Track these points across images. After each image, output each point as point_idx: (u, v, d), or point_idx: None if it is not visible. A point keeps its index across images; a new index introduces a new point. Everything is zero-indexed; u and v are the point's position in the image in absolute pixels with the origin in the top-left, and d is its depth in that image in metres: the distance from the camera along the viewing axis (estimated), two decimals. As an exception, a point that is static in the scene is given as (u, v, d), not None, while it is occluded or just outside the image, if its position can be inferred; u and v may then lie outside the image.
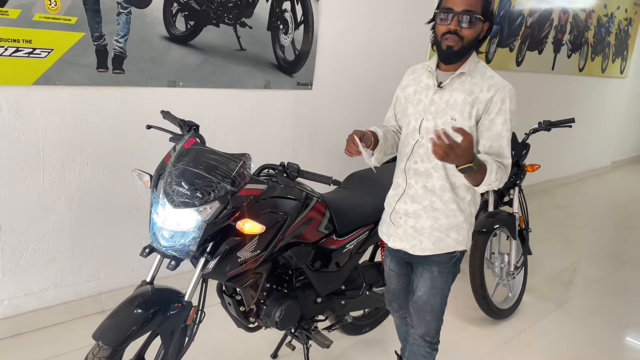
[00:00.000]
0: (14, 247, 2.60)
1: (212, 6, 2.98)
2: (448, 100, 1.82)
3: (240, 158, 1.82)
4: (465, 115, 1.79)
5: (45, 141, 2.56)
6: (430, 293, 1.98)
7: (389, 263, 2.17)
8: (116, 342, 1.63)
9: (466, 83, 1.81)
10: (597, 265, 4.55)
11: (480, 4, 1.73)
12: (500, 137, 1.78)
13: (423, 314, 2.02)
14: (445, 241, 1.91)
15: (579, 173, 7.72)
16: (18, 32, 2.33)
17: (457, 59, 1.80)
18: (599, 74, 7.44)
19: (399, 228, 1.97)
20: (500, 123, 1.77)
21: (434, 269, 1.95)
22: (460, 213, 1.90)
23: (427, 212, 1.90)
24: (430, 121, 1.85)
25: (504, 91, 1.78)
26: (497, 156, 1.78)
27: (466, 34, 1.74)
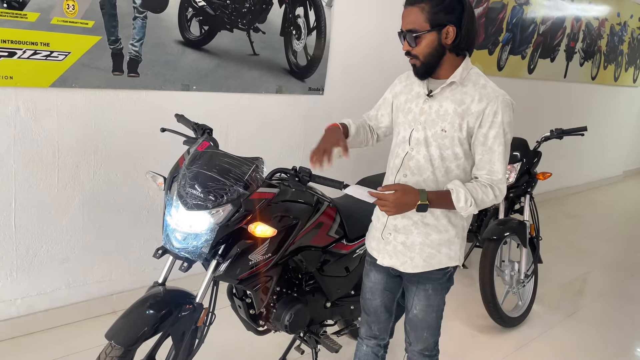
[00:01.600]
0: (28, 246, 2.63)
1: (226, 11, 3.01)
2: (438, 111, 1.74)
3: (253, 162, 1.84)
4: (456, 127, 1.71)
5: (60, 142, 2.60)
6: (426, 311, 1.91)
7: (373, 276, 1.99)
8: (128, 342, 1.65)
9: (457, 92, 1.72)
10: (608, 275, 4.51)
11: (421, 16, 1.64)
12: (491, 151, 1.70)
13: (420, 332, 1.95)
14: (437, 257, 1.84)
15: (591, 182, 7.66)
16: (36, 35, 2.37)
17: (427, 74, 1.75)
18: (612, 82, 7.40)
19: (389, 244, 1.89)
20: (492, 137, 1.69)
21: (428, 286, 1.88)
22: (452, 228, 1.83)
23: (417, 228, 1.82)
24: (420, 132, 1.78)
25: (496, 102, 1.67)
26: (487, 172, 1.72)
27: (418, 52, 1.69)
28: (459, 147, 1.74)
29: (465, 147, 1.74)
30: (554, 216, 6.01)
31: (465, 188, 1.67)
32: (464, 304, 3.55)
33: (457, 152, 1.74)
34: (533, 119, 5.77)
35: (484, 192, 1.70)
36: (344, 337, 2.66)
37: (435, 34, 1.66)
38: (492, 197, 1.71)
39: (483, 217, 3.92)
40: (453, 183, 1.70)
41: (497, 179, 1.71)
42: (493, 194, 1.71)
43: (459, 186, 1.68)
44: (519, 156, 3.44)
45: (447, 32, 1.66)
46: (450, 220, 1.82)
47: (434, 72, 1.74)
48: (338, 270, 2.35)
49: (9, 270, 2.61)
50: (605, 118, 7.47)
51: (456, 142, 1.73)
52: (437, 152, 1.75)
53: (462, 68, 1.73)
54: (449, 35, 1.66)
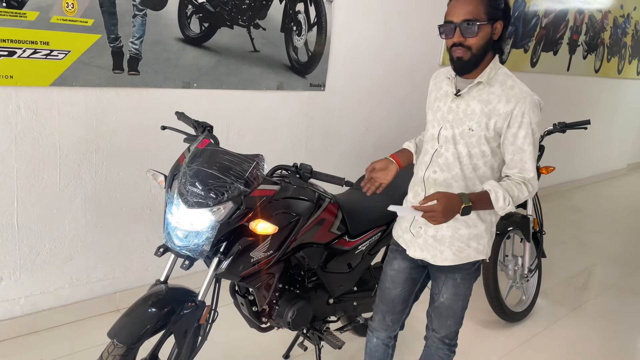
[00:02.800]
0: (31, 246, 2.64)
1: (226, 8, 3.00)
2: (465, 110, 1.78)
3: (254, 159, 1.83)
4: (482, 126, 1.75)
5: (61, 141, 2.60)
6: (453, 299, 1.97)
7: (397, 264, 2.03)
8: (131, 341, 1.65)
9: (484, 92, 1.76)
10: (612, 269, 4.50)
11: (481, 7, 1.66)
12: (522, 151, 1.74)
13: (444, 319, 2.00)
14: (466, 251, 1.89)
15: (595, 175, 7.63)
16: (36, 34, 2.37)
17: (471, 69, 1.75)
18: (615, 75, 7.35)
19: (419, 238, 1.93)
20: (522, 137, 1.73)
21: (457, 276, 1.94)
22: (481, 223, 1.88)
23: (447, 222, 1.81)
24: (448, 130, 1.82)
25: (524, 103, 1.71)
26: (519, 170, 1.77)
27: (472, 43, 1.69)
28: (486, 145, 1.77)
29: (492, 145, 1.78)
30: (558, 210, 5.99)
31: (502, 188, 1.71)
32: (468, 299, 3.54)
33: (484, 150, 1.78)
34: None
35: (519, 189, 1.74)
36: (347, 333, 2.66)
37: (490, 27, 1.70)
38: (527, 194, 1.76)
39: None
40: (489, 184, 1.74)
41: (529, 177, 1.76)
42: (527, 190, 1.75)
43: (496, 187, 1.72)
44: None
45: (497, 27, 1.71)
46: (479, 215, 1.86)
47: (477, 67, 1.75)
48: (340, 266, 2.35)
49: (13, 269, 2.61)
50: (609, 111, 7.42)
51: (483, 140, 1.77)
52: (464, 149, 1.80)
53: (490, 68, 1.76)
54: (497, 30, 1.71)
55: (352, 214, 2.30)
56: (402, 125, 4.20)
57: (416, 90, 4.15)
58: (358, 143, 4.00)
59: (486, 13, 1.67)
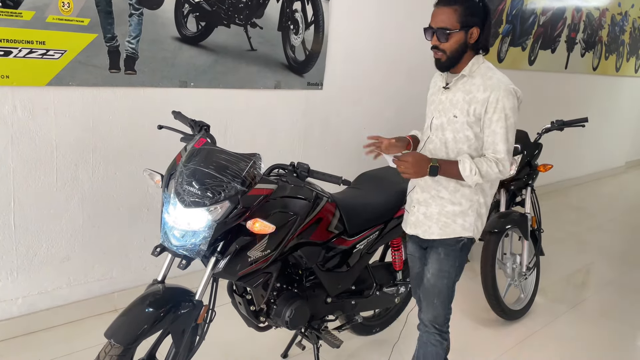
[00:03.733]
0: (28, 246, 2.63)
1: (223, 7, 2.99)
2: (452, 100, 2.01)
3: (251, 158, 1.83)
4: (465, 113, 1.96)
5: (58, 141, 2.59)
6: (437, 276, 2.10)
7: (410, 247, 2.28)
8: (128, 341, 1.64)
9: (467, 84, 1.98)
10: (611, 266, 4.50)
11: (454, 17, 1.88)
12: (494, 133, 1.93)
13: (431, 297, 2.13)
14: (451, 226, 2.06)
15: (593, 173, 7.63)
16: (32, 33, 2.36)
17: (449, 67, 1.99)
18: (613, 72, 7.36)
19: (412, 215, 2.15)
20: (495, 120, 1.92)
21: (440, 250, 2.09)
22: (466, 201, 2.04)
23: (435, 200, 2.07)
24: (438, 119, 2.05)
25: (498, 91, 1.90)
26: (492, 151, 1.95)
27: (446, 47, 1.93)
28: (470, 130, 1.97)
29: (475, 130, 1.97)
30: (556, 208, 5.99)
31: (471, 160, 1.92)
32: (466, 297, 3.55)
33: (467, 134, 1.98)
34: (534, 111, 5.74)
35: (489, 165, 1.92)
36: (345, 332, 2.66)
37: (463, 34, 1.91)
38: (497, 171, 1.92)
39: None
40: (462, 155, 1.95)
41: (500, 157, 1.93)
42: (497, 168, 1.92)
43: (466, 157, 1.92)
44: (519, 148, 3.41)
45: (472, 33, 1.93)
46: (465, 194, 2.04)
47: (455, 66, 1.99)
48: (338, 265, 2.34)
49: (10, 269, 2.61)
50: (607, 109, 7.43)
51: (466, 125, 1.97)
52: (451, 135, 2.01)
53: (472, 63, 1.98)
54: (473, 35, 1.93)
55: (349, 213, 2.30)
56: (400, 123, 4.20)
57: (414, 88, 4.14)
58: (355, 142, 3.99)
59: (459, 22, 1.88)
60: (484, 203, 2.09)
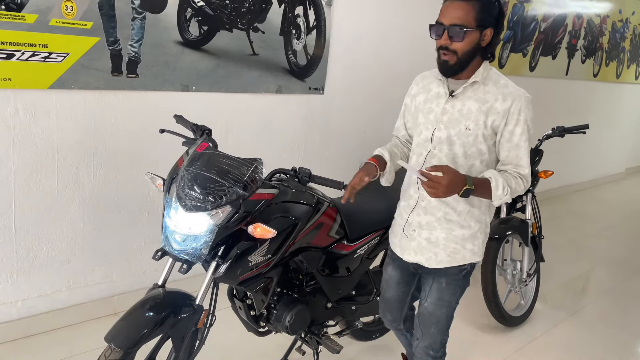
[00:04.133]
0: (28, 248, 2.63)
1: (226, 11, 3.00)
2: (461, 110, 1.79)
3: (252, 162, 1.83)
4: (480, 125, 1.77)
5: (60, 144, 2.59)
6: (436, 305, 1.95)
7: (390, 270, 2.12)
8: (128, 345, 1.64)
9: (479, 91, 1.78)
10: (611, 273, 4.50)
11: (472, 13, 1.67)
12: (518, 147, 1.77)
13: (428, 326, 1.98)
14: (461, 252, 1.89)
15: (593, 179, 7.63)
16: (35, 36, 2.36)
17: (456, 72, 1.77)
18: (614, 79, 7.37)
19: (413, 241, 1.94)
20: (518, 134, 1.77)
21: (442, 280, 1.93)
22: (476, 223, 1.88)
23: (441, 224, 1.87)
24: (442, 131, 1.82)
25: (520, 101, 1.75)
26: (514, 166, 1.79)
27: (458, 48, 1.70)
28: (484, 143, 1.79)
29: (489, 143, 1.80)
30: (557, 214, 5.99)
31: (502, 177, 1.73)
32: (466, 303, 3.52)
33: (481, 148, 1.80)
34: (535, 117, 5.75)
35: (516, 182, 1.76)
36: (345, 337, 2.65)
37: (478, 34, 1.71)
38: (522, 188, 1.78)
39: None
40: (490, 172, 1.75)
41: (524, 173, 1.79)
42: (523, 184, 1.78)
43: (497, 175, 1.73)
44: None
45: (486, 34, 1.73)
46: (474, 215, 1.87)
47: (463, 70, 1.77)
48: (339, 270, 2.34)
49: (10, 272, 2.60)
50: (608, 115, 7.44)
51: (480, 139, 1.78)
52: (461, 150, 1.81)
53: (483, 68, 1.79)
54: (487, 37, 1.73)
55: (350, 218, 2.30)
56: (401, 128, 4.20)
57: (415, 94, 4.14)
58: (356, 147, 3.99)
59: (476, 19, 1.68)
60: (489, 223, 1.96)
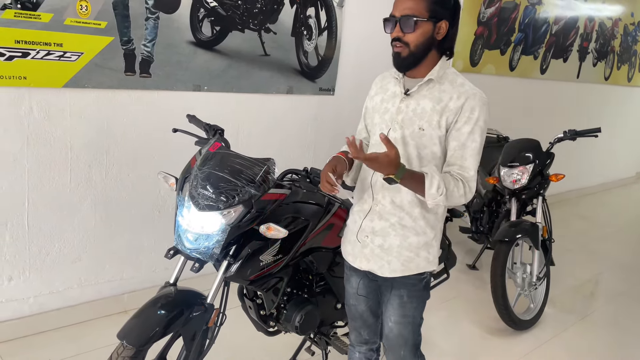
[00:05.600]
0: (41, 246, 2.65)
1: (238, 12, 3.02)
2: (415, 109, 1.70)
3: (265, 163, 1.83)
4: (434, 125, 1.67)
5: (73, 143, 2.61)
6: (401, 323, 1.83)
7: (355, 285, 1.92)
8: (140, 342, 1.65)
9: (434, 90, 1.69)
10: (621, 277, 4.46)
11: (423, 4, 1.62)
12: (463, 147, 1.66)
13: (397, 349, 1.87)
14: (415, 261, 1.78)
15: (604, 183, 7.58)
16: (50, 35, 2.39)
17: (410, 66, 1.70)
18: (625, 83, 7.32)
19: (366, 247, 1.82)
20: (466, 132, 1.65)
21: (403, 292, 1.81)
22: (431, 230, 1.78)
23: (395, 230, 1.76)
24: (397, 131, 1.73)
25: (474, 99, 1.65)
26: (458, 167, 1.67)
27: (410, 39, 1.65)
28: (438, 145, 1.69)
29: (443, 146, 1.70)
30: (567, 218, 5.95)
31: (440, 176, 1.61)
32: (475, 306, 3.53)
33: (435, 151, 1.70)
34: (546, 120, 5.73)
35: (456, 185, 1.63)
36: (354, 338, 2.65)
37: (431, 25, 1.65)
38: (462, 192, 1.64)
39: (494, 219, 3.89)
40: (429, 168, 1.64)
41: (468, 176, 1.65)
42: (463, 189, 1.64)
43: (435, 172, 1.61)
44: (531, 157, 3.40)
45: (441, 27, 1.66)
46: (429, 222, 1.77)
47: (416, 66, 1.70)
48: (349, 271, 2.34)
49: (22, 269, 2.63)
50: (619, 119, 7.38)
51: (435, 140, 1.69)
52: (414, 151, 1.71)
53: (439, 66, 1.71)
54: (441, 30, 1.66)
55: (361, 219, 2.29)
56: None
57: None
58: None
59: (428, 10, 1.63)
60: (441, 230, 1.84)
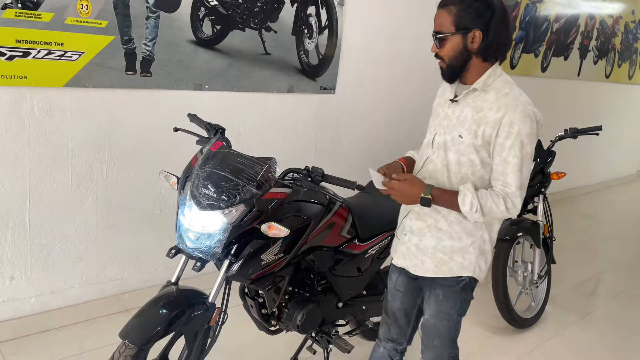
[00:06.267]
0: (42, 245, 2.65)
1: (239, 11, 3.01)
2: (459, 116, 1.74)
3: (266, 162, 1.83)
4: (472, 134, 1.69)
5: (74, 142, 2.61)
6: (436, 317, 1.87)
7: (395, 280, 1.99)
8: (142, 342, 1.66)
9: (478, 99, 1.71)
10: (622, 276, 4.46)
11: (450, 19, 1.65)
12: (505, 163, 1.66)
13: (431, 338, 1.92)
14: (448, 264, 1.80)
15: (604, 181, 7.58)
16: (50, 35, 2.39)
17: (453, 78, 1.75)
18: (626, 80, 7.31)
19: (403, 245, 1.90)
20: (507, 147, 1.65)
21: (439, 292, 1.85)
22: (467, 236, 1.77)
23: (431, 231, 1.80)
24: (442, 136, 1.78)
25: (514, 112, 1.63)
26: (502, 183, 1.68)
27: (444, 54, 1.70)
28: (475, 154, 1.70)
29: (482, 155, 1.70)
30: (568, 216, 5.94)
31: (474, 193, 1.64)
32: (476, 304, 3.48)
33: (472, 159, 1.71)
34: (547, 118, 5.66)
35: (495, 201, 1.65)
36: (355, 337, 2.66)
37: (461, 37, 1.66)
38: (503, 209, 1.65)
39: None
40: (464, 185, 1.68)
41: (510, 192, 1.66)
42: (505, 206, 1.65)
43: (468, 189, 1.65)
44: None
45: (473, 37, 1.65)
46: (465, 228, 1.77)
47: (460, 76, 1.74)
48: (350, 270, 2.34)
49: (24, 268, 2.63)
50: (620, 117, 7.38)
51: (472, 149, 1.70)
52: (454, 157, 1.74)
53: (487, 75, 1.71)
54: (475, 39, 1.65)
55: (362, 218, 2.30)
56: (413, 128, 4.19)
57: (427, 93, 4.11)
58: (367, 146, 3.99)
59: (454, 23, 1.64)
60: (489, 239, 1.82)
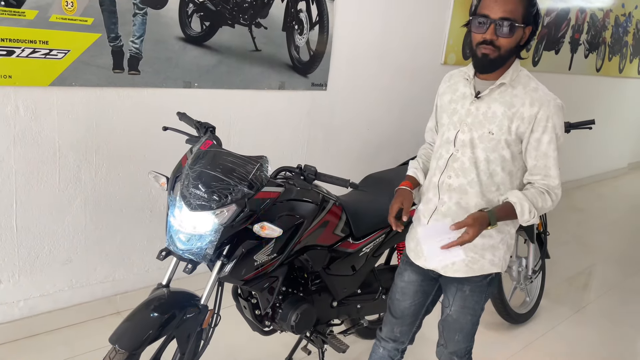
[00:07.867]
0: (30, 248, 2.60)
1: (228, 7, 2.97)
2: (486, 112, 1.71)
3: (258, 160, 1.80)
4: (504, 130, 1.68)
5: (61, 142, 2.56)
6: (460, 312, 1.88)
7: (407, 277, 1.96)
8: (133, 346, 1.62)
9: (506, 95, 1.69)
10: (615, 269, 4.47)
11: (521, 8, 1.60)
12: (546, 157, 1.69)
13: (452, 333, 1.93)
14: (479, 262, 1.80)
15: (595, 175, 7.61)
16: (35, 33, 2.33)
17: (493, 69, 1.68)
18: (617, 74, 7.33)
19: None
20: (546, 142, 1.68)
21: (466, 287, 1.85)
22: (497, 233, 1.79)
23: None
24: (466, 133, 1.74)
25: (548, 107, 1.66)
26: (543, 177, 1.71)
27: (503, 44, 1.62)
28: (507, 149, 1.71)
29: (513, 150, 1.71)
30: (560, 210, 5.95)
31: (527, 199, 1.66)
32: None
33: (503, 154, 1.72)
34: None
35: (543, 199, 1.69)
36: (350, 336, 2.64)
37: (522, 31, 1.64)
38: (550, 203, 1.70)
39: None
40: (514, 195, 1.68)
41: (554, 185, 1.71)
42: (550, 200, 1.70)
43: (522, 199, 1.66)
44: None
45: (526, 33, 1.66)
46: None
47: (498, 68, 1.69)
48: (344, 269, 2.31)
49: (11, 272, 2.58)
50: (610, 110, 7.40)
51: (503, 144, 1.70)
52: (483, 154, 1.73)
53: (513, 70, 1.71)
54: (525, 36, 1.66)
55: (356, 216, 2.27)
56: (404, 124, 4.17)
57: (418, 89, 4.11)
58: (360, 143, 3.97)
59: (523, 15, 1.61)
60: (513, 233, 1.86)
